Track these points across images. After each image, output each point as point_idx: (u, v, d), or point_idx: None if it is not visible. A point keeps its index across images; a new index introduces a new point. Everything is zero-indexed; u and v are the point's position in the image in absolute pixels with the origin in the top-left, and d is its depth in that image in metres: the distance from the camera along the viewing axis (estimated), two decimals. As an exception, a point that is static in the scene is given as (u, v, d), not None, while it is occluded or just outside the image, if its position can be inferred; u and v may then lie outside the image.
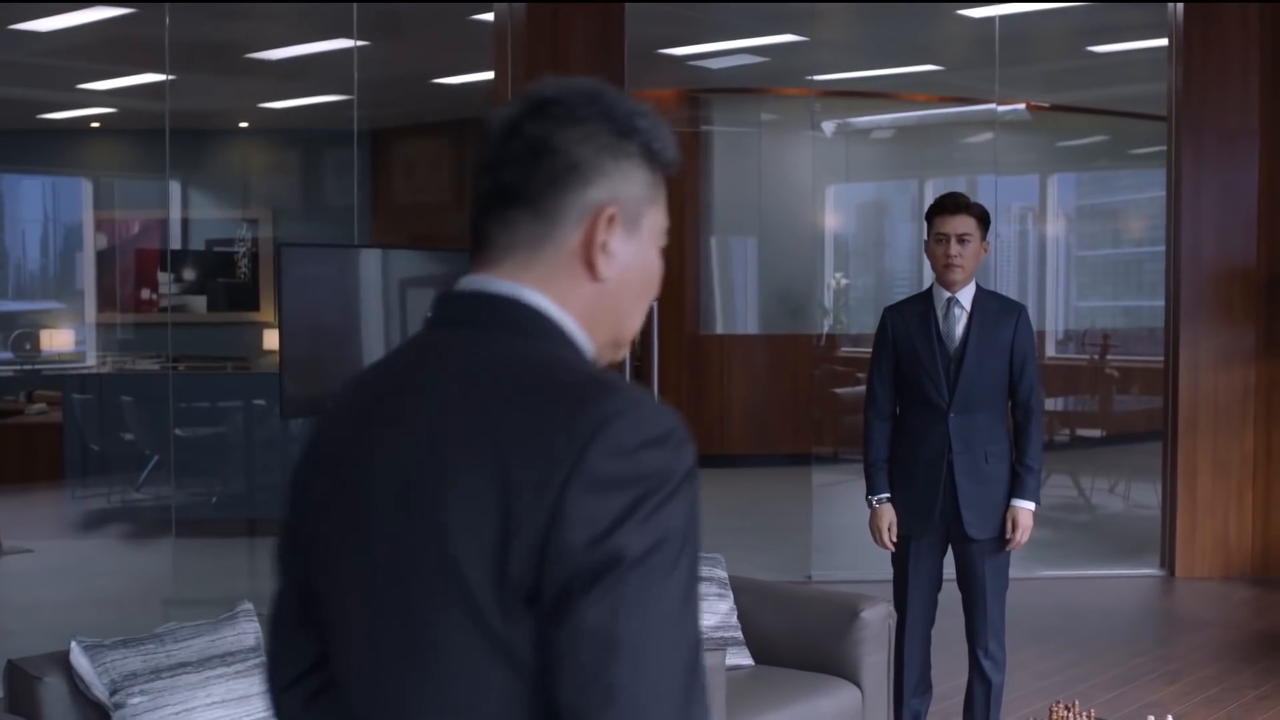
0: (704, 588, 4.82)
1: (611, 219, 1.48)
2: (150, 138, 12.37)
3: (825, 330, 12.55)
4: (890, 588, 4.90)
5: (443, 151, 12.59)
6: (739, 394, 12.34)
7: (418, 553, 1.39)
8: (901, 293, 13.49)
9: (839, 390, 11.79)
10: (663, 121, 1.55)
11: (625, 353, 1.57)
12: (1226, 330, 8.19)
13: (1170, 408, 8.42)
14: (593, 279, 1.48)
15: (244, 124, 13.48)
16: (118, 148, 13.47)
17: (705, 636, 4.53)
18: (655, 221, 1.54)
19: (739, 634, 4.84)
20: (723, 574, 4.92)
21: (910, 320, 4.86)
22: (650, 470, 1.33)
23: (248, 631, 3.68)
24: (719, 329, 12.36)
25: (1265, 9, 8.16)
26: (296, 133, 12.79)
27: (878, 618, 4.74)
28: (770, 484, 11.08)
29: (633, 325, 1.55)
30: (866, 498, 4.88)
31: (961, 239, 4.76)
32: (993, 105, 9.98)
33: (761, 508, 10.42)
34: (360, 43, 8.48)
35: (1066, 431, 11.39)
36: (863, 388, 5.17)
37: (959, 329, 4.81)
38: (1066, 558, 8.88)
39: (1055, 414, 11.59)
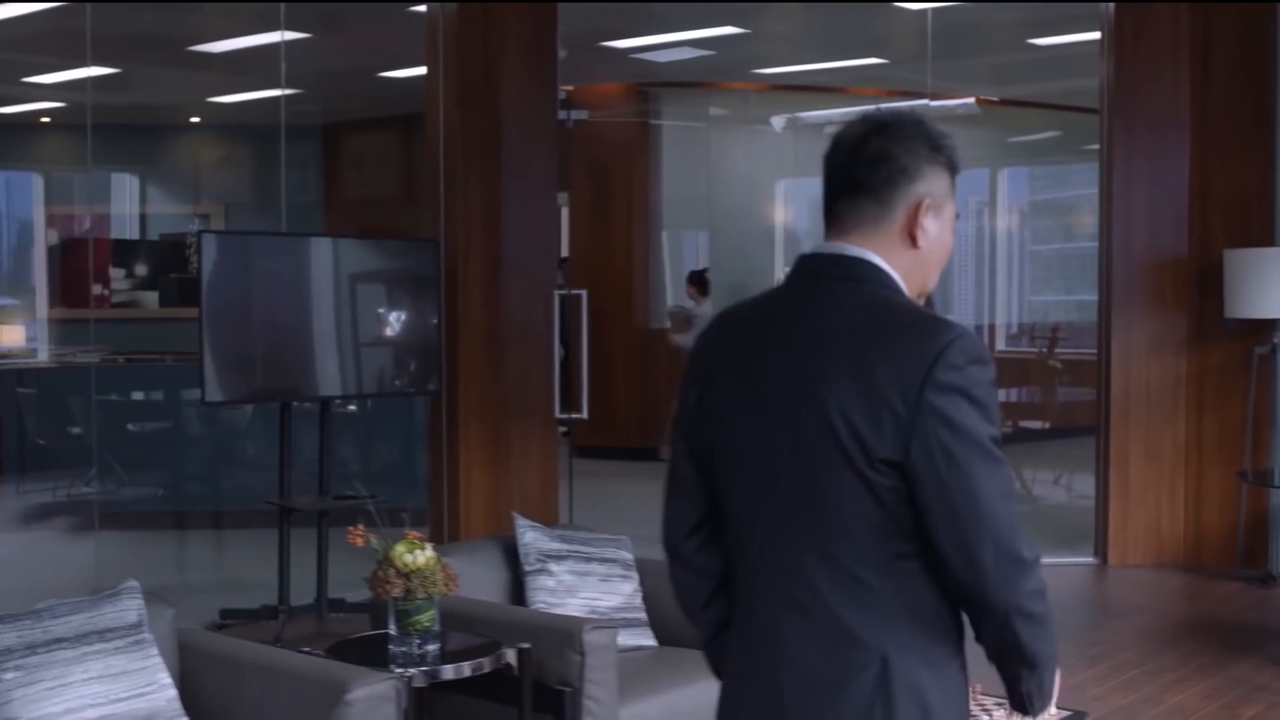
0: (608, 569, 4.86)
1: (926, 207, 2.16)
2: (102, 132, 12.36)
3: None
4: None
5: (391, 145, 12.59)
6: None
7: (811, 427, 2.07)
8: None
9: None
10: (957, 142, 2.21)
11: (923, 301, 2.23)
12: (1158, 319, 8.24)
13: (1104, 397, 8.47)
14: (911, 248, 2.17)
15: (195, 119, 13.46)
16: (69, 143, 13.43)
17: (607, 617, 4.56)
18: (950, 210, 2.22)
19: (643, 615, 4.86)
20: (628, 556, 4.95)
21: None
22: (973, 380, 2.02)
23: (130, 609, 3.68)
24: (669, 323, 12.37)
25: (1196, 5, 8.23)
26: (246, 127, 12.77)
27: (779, 598, 4.76)
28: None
29: (933, 281, 2.23)
30: None
31: None
32: (938, 100, 10.02)
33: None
34: (290, 36, 8.48)
35: (1010, 424, 11.47)
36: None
37: None
38: None
39: (1002, 406, 11.63)
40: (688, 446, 2.29)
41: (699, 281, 12.03)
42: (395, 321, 7.00)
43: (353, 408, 10.12)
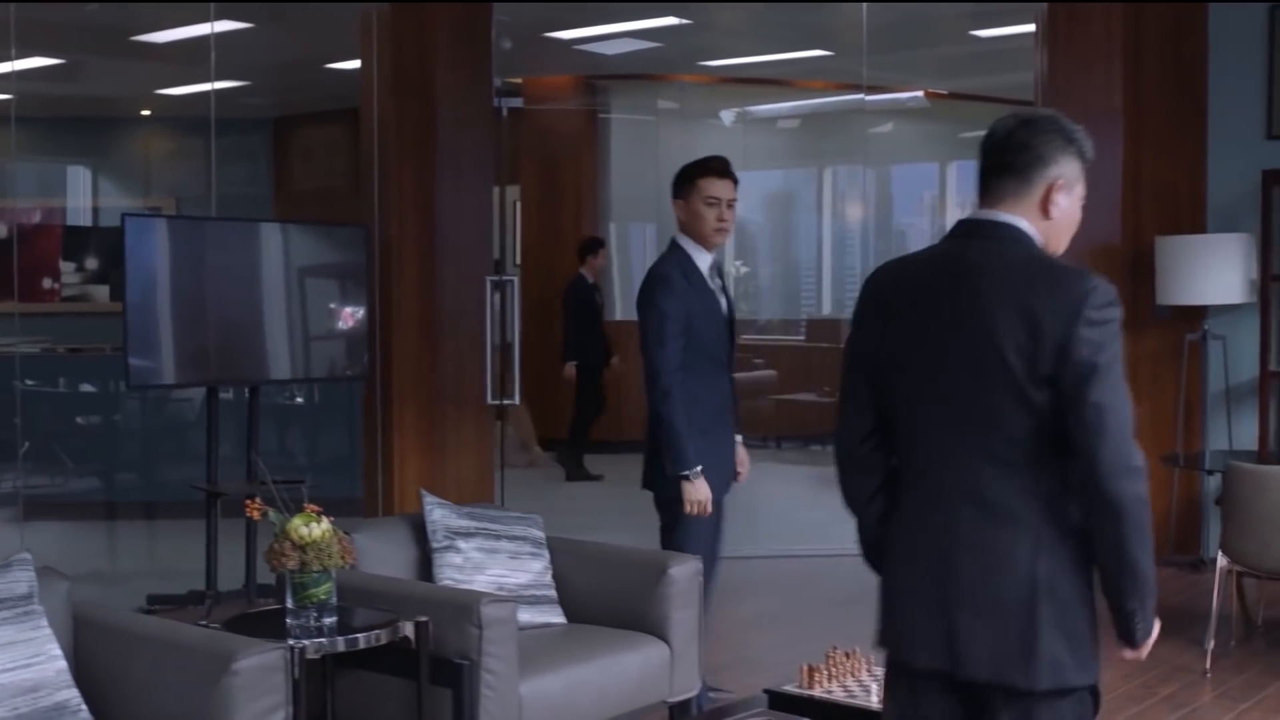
0: (517, 546, 4.87)
1: (1060, 186, 2.75)
2: (52, 125, 12.30)
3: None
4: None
5: (341, 137, 12.56)
6: (637, 380, 12.34)
7: (982, 350, 2.64)
8: (808, 281, 13.63)
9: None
10: (1089, 135, 2.82)
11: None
12: (1092, 308, 8.29)
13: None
14: (1046, 218, 2.75)
15: (146, 111, 13.41)
16: (18, 134, 13.36)
17: (516, 594, 4.57)
18: (1080, 190, 2.81)
19: (553, 593, 4.88)
20: (539, 534, 4.96)
21: (692, 282, 5.00)
22: (1111, 317, 2.59)
23: (20, 580, 3.68)
24: (618, 315, 12.37)
25: (1129, -5, 8.30)
26: (196, 120, 12.73)
27: (686, 575, 4.80)
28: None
29: (1063, 245, 2.82)
30: (682, 472, 4.91)
31: (730, 204, 4.95)
32: (875, 94, 10.06)
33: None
34: (230, 26, 8.47)
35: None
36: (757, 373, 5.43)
37: (722, 289, 5.11)
38: None
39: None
40: (865, 368, 2.84)
41: (594, 250, 11.54)
42: (326, 307, 7.01)
43: (300, 399, 10.12)
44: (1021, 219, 2.74)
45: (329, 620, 4.05)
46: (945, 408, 2.70)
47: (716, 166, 5.02)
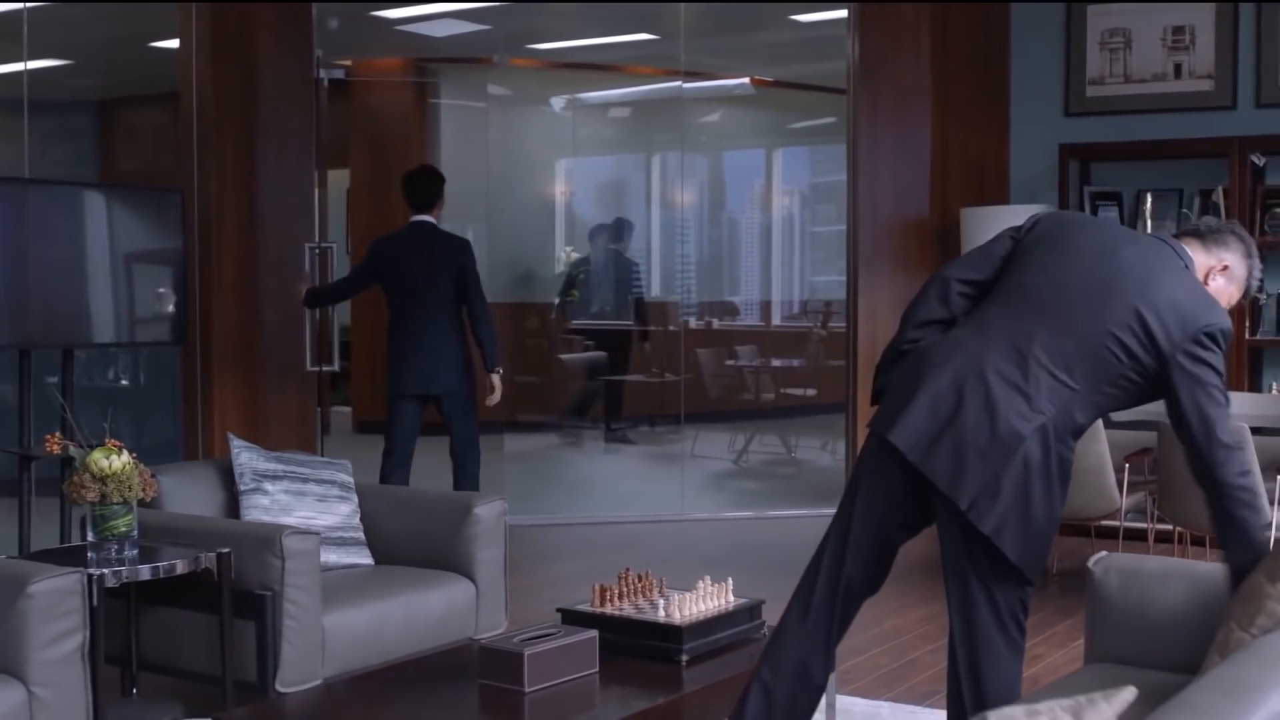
0: (325, 490, 4.94)
1: (1223, 269, 3.43)
2: None
3: (557, 302, 12.72)
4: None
5: (165, 120, 12.43)
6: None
7: (1121, 298, 3.22)
8: (638, 267, 13.79)
9: (565, 357, 12.09)
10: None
11: None
12: (902, 279, 8.55)
13: (851, 361, 8.80)
14: (1205, 284, 3.43)
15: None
16: None
17: (324, 537, 4.63)
18: (1235, 290, 3.47)
19: (361, 535, 4.95)
20: (347, 478, 5.04)
21: None
22: (1219, 347, 3.23)
23: None
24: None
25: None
26: (12, 100, 12.50)
27: (492, 514, 4.91)
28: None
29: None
30: None
31: None
32: (705, 80, 10.23)
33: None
34: (36, 3, 8.34)
35: (771, 395, 11.87)
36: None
37: None
38: (765, 502, 9.52)
39: (775, 374, 12.06)
40: (1016, 243, 3.41)
41: None
42: (144, 274, 6.97)
43: (125, 381, 10.01)
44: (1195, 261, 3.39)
45: (130, 553, 4.08)
46: (1066, 315, 3.22)
47: None
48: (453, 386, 6.92)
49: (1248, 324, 7.78)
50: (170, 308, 7.01)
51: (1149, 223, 8.03)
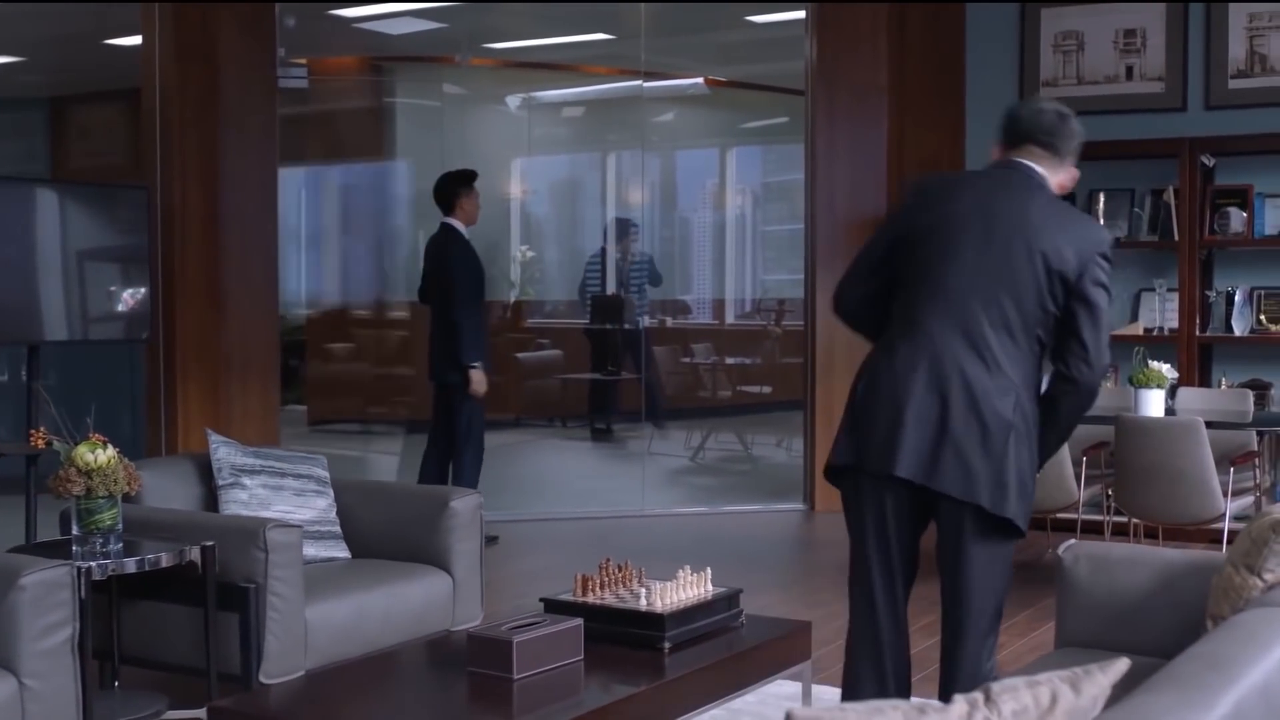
0: (302, 484, 4.99)
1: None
2: None
3: (512, 300, 12.77)
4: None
5: (120, 117, 12.40)
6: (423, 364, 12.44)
7: (1023, 246, 3.49)
8: (593, 266, 13.86)
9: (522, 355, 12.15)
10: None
11: None
12: (860, 277, 8.68)
13: (809, 358, 8.91)
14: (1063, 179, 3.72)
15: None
16: None
17: (304, 530, 4.67)
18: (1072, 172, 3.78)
19: (338, 528, 5.01)
20: (323, 473, 5.08)
21: None
22: (1109, 262, 3.55)
23: None
24: (402, 295, 12.46)
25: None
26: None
27: (468, 508, 4.97)
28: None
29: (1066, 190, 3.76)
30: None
31: None
32: (654, 80, 10.31)
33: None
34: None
35: (728, 391, 11.99)
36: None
37: None
38: (724, 498, 9.60)
39: (730, 371, 12.18)
40: (893, 238, 3.67)
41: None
42: (105, 272, 6.96)
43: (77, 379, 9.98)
44: (1046, 171, 3.65)
45: (115, 546, 4.12)
46: (980, 279, 3.49)
47: None
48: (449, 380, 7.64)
49: (1198, 320, 7.95)
50: (120, 306, 6.99)
51: (1101, 221, 8.18)
